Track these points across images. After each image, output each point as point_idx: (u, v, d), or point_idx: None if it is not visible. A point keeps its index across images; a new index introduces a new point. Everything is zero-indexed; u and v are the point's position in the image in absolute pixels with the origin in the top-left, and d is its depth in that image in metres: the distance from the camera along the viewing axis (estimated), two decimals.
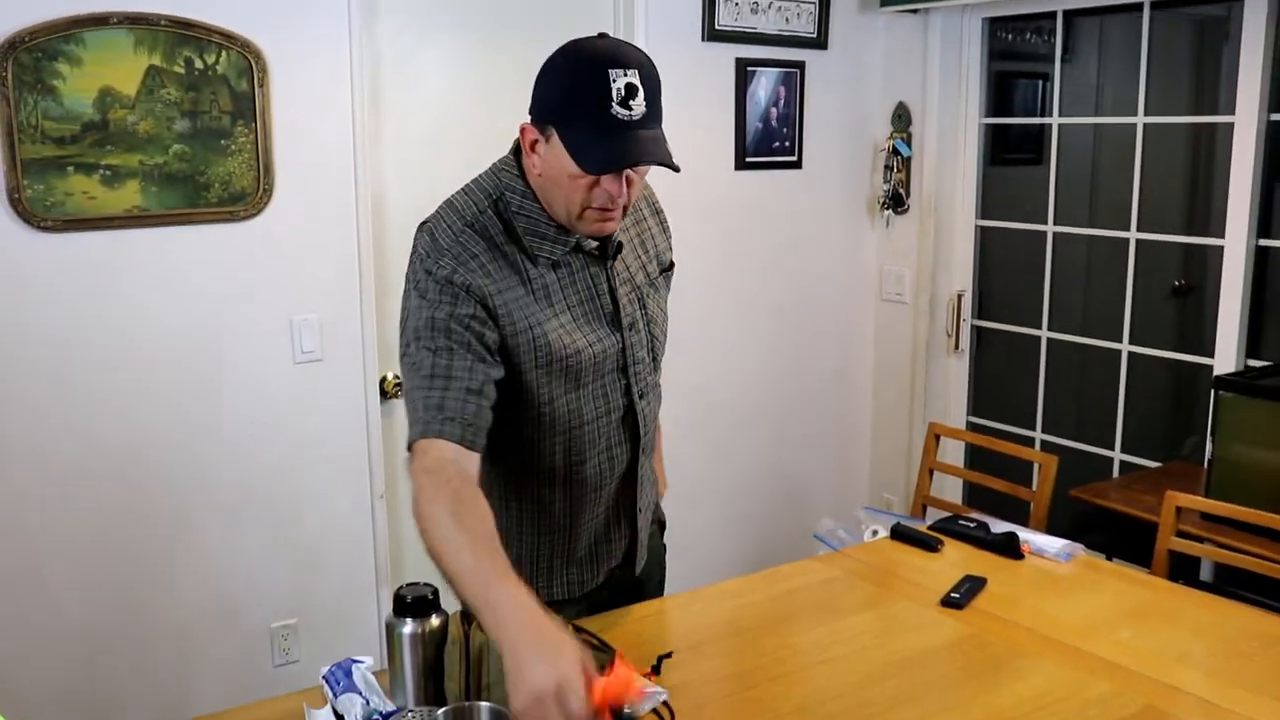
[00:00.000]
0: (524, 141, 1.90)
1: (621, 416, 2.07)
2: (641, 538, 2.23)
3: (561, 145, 1.82)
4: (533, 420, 1.98)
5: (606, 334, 2.00)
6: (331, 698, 1.83)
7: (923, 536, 2.64)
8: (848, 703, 1.89)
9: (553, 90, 1.84)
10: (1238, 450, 3.34)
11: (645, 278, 2.09)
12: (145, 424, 3.14)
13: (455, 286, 1.85)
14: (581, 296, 1.98)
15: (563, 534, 2.11)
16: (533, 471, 2.04)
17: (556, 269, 1.95)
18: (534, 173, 1.91)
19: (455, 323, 1.84)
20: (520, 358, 1.91)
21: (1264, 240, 3.66)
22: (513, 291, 1.89)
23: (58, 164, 2.90)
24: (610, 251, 2.00)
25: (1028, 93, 4.48)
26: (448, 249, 1.89)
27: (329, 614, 3.51)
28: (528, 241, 1.92)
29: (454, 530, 1.65)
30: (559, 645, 1.52)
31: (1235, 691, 1.94)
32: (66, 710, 3.06)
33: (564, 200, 1.88)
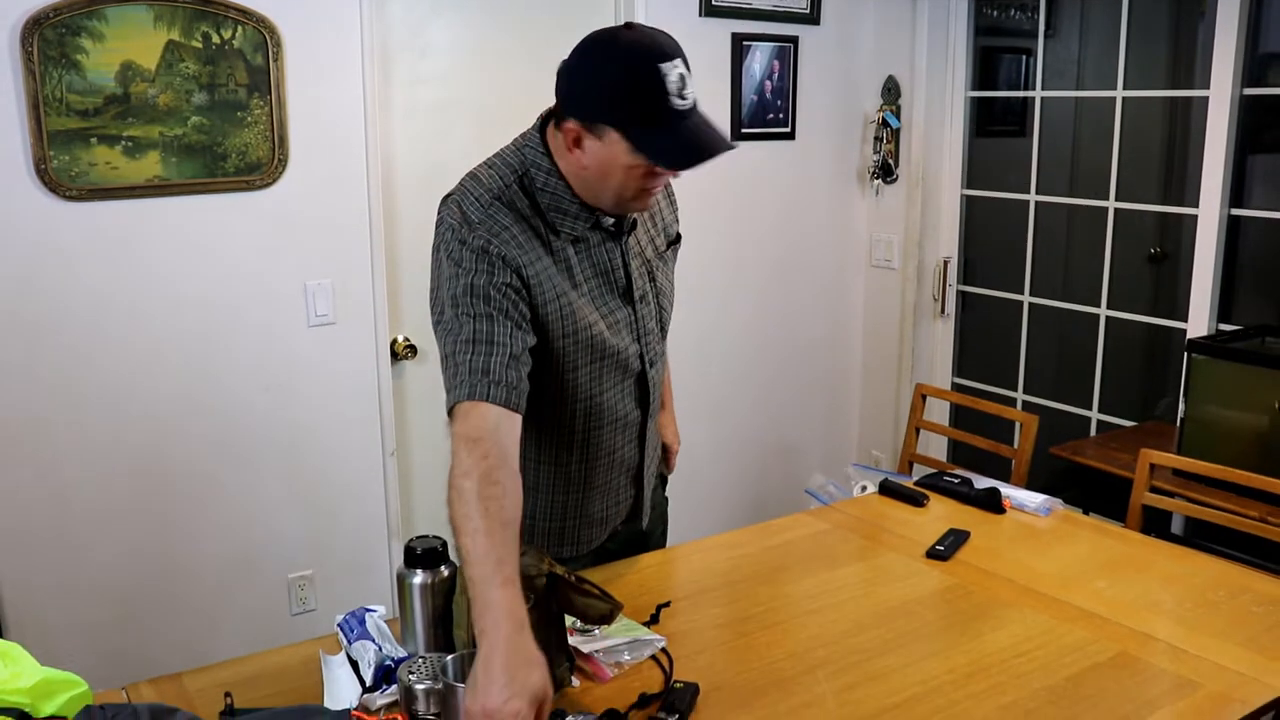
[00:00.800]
0: (565, 139, 1.83)
1: (634, 384, 2.08)
2: (646, 494, 2.24)
3: (623, 142, 1.76)
4: (557, 388, 1.96)
5: (619, 306, 2.00)
6: (346, 644, 1.84)
7: (909, 492, 2.65)
8: (837, 649, 1.90)
9: (602, 89, 1.76)
10: (1208, 410, 3.34)
11: (654, 251, 2.08)
12: (167, 385, 3.14)
13: (491, 256, 1.81)
14: (597, 270, 1.96)
15: (577, 494, 2.10)
16: (553, 436, 2.04)
17: (576, 244, 1.93)
18: (578, 166, 1.85)
19: (494, 290, 1.80)
20: (550, 328, 1.89)
21: (1236, 210, 3.65)
22: (541, 264, 1.87)
23: (82, 135, 2.89)
24: (625, 228, 1.99)
25: (1012, 67, 4.46)
26: (479, 222, 1.85)
27: (343, 565, 3.52)
28: (551, 217, 1.89)
29: (477, 512, 1.60)
30: (528, 671, 1.47)
31: (1203, 638, 1.95)
32: (96, 657, 3.08)
33: (615, 189, 1.85)
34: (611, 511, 2.18)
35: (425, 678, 1.64)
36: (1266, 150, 3.73)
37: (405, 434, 3.65)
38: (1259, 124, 3.64)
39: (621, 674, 1.80)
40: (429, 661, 1.68)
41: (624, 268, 2.00)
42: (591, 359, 1.97)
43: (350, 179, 3.32)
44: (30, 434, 2.98)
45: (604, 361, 1.99)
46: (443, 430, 3.69)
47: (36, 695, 1.44)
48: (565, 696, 1.72)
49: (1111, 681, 1.80)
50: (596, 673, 1.80)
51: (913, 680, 1.79)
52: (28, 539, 3.02)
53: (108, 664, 3.04)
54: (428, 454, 3.71)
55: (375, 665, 1.74)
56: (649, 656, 1.85)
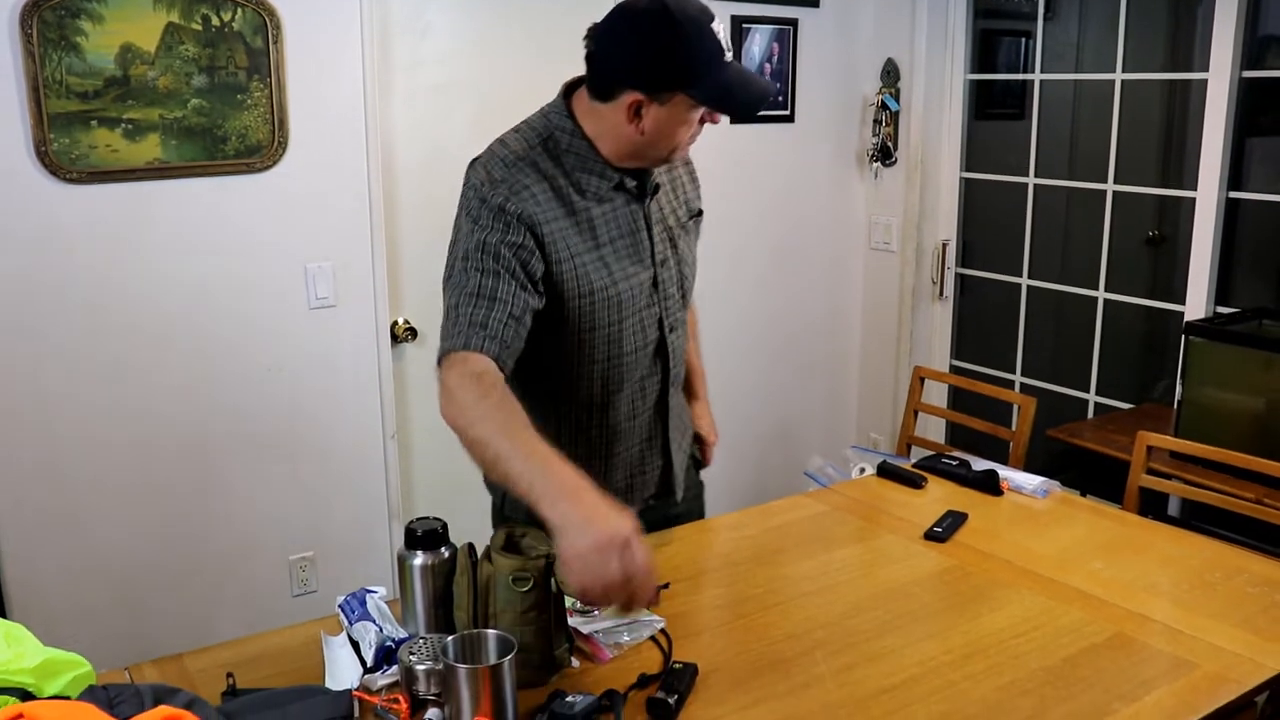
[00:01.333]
0: (624, 110, 1.87)
1: (654, 349, 2.10)
2: (677, 468, 2.26)
3: (689, 102, 1.86)
4: (574, 349, 2.00)
5: (642, 268, 2.03)
6: (347, 625, 1.84)
7: (907, 474, 2.65)
8: (836, 630, 1.90)
9: (673, 59, 1.83)
10: (1206, 393, 3.34)
11: (676, 220, 2.12)
12: (168, 367, 3.14)
13: (508, 215, 1.86)
14: (622, 231, 2.00)
15: (600, 462, 2.12)
16: (572, 399, 2.07)
17: (600, 204, 1.97)
18: (633, 135, 1.90)
19: (505, 248, 1.85)
20: (565, 287, 1.93)
21: (1234, 193, 3.64)
22: (560, 223, 1.91)
23: (82, 118, 2.88)
24: (648, 190, 2.03)
25: (1011, 50, 4.44)
26: (502, 180, 1.90)
27: (344, 547, 3.53)
28: (576, 177, 1.95)
29: (502, 419, 1.71)
30: (618, 508, 1.55)
31: (1199, 619, 1.95)
32: (99, 637, 3.08)
33: (667, 145, 1.93)
34: (638, 482, 2.20)
35: (426, 658, 1.64)
36: (1265, 133, 3.72)
37: (405, 416, 3.65)
38: (1258, 106, 3.63)
39: (620, 655, 1.80)
40: (429, 642, 1.68)
41: (646, 230, 2.03)
42: (609, 319, 1.99)
43: (350, 161, 3.31)
44: (32, 416, 2.98)
45: (623, 323, 2.01)
46: None
47: (40, 675, 1.44)
48: (564, 677, 1.73)
49: (1108, 662, 1.80)
50: (596, 653, 1.80)
51: (911, 661, 1.79)
52: (30, 521, 3.02)
53: (110, 645, 3.05)
54: (428, 436, 3.71)
55: (376, 646, 1.74)
56: (648, 637, 1.85)
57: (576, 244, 1.93)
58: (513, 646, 1.57)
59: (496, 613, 1.69)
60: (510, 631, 1.63)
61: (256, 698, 1.60)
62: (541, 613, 1.68)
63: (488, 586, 1.70)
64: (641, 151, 1.95)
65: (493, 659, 1.59)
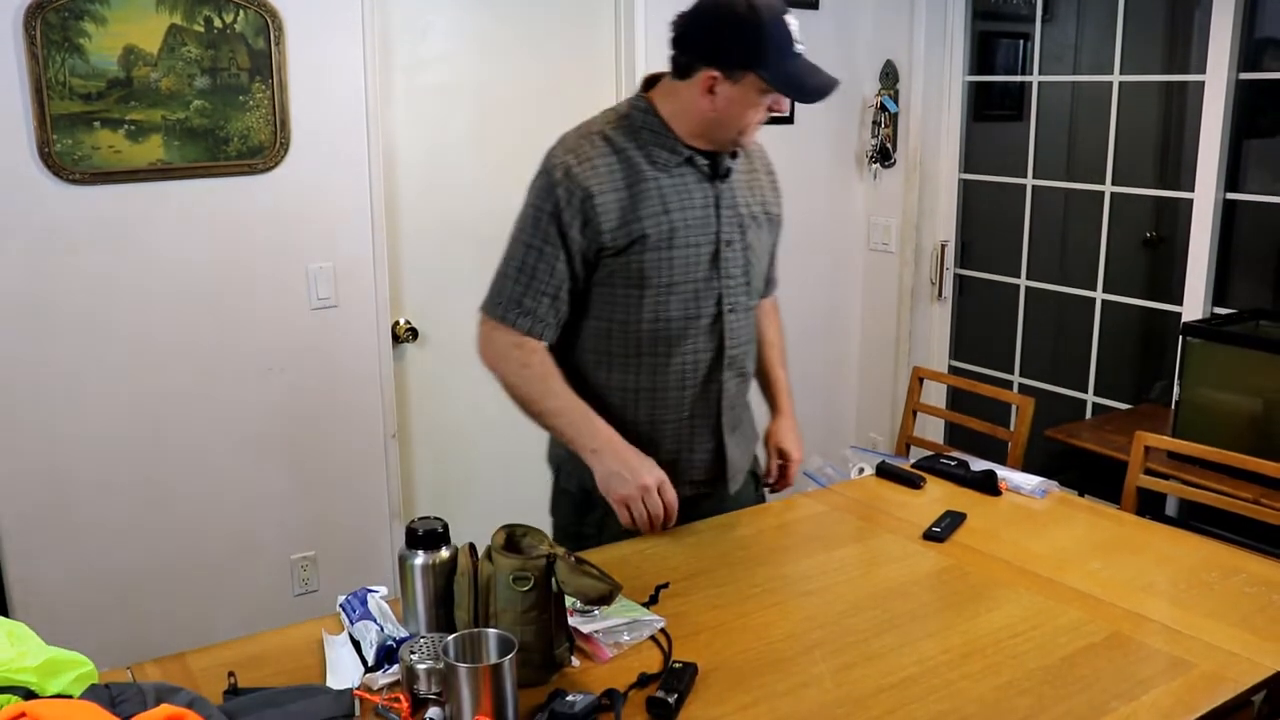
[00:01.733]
0: (700, 86, 2.04)
1: (710, 324, 2.19)
2: (730, 454, 2.32)
3: (760, 84, 2.02)
4: (628, 310, 2.14)
5: (705, 240, 2.14)
6: (348, 625, 1.84)
7: (906, 474, 2.65)
8: (835, 630, 1.90)
9: (748, 41, 2.00)
10: (1203, 393, 3.34)
11: (749, 212, 2.23)
12: (170, 368, 3.14)
13: (569, 181, 2.06)
14: (692, 203, 2.13)
15: (646, 426, 2.22)
16: (621, 362, 2.19)
17: (670, 175, 2.11)
18: (705, 111, 2.06)
19: (553, 222, 2.07)
20: (617, 250, 2.08)
21: (1231, 194, 3.64)
22: (620, 192, 2.07)
23: (85, 119, 2.88)
24: (720, 172, 2.16)
25: (1009, 52, 4.44)
26: (571, 148, 2.11)
27: (345, 547, 3.53)
28: (649, 150, 2.11)
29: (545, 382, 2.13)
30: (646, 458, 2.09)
31: (1197, 618, 1.95)
32: (101, 637, 3.08)
33: (735, 125, 2.09)
34: (685, 457, 2.27)
35: (427, 657, 1.64)
36: (1262, 135, 3.72)
37: (406, 416, 3.65)
38: (1255, 108, 3.63)
39: (621, 654, 1.80)
40: (430, 641, 1.68)
41: (715, 208, 2.16)
42: (659, 282, 2.12)
43: (351, 162, 3.31)
44: (34, 416, 2.98)
45: (673, 287, 2.13)
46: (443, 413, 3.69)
47: (43, 674, 1.44)
48: (565, 676, 1.73)
49: (1106, 661, 1.80)
50: (596, 653, 1.80)
51: (909, 660, 1.79)
52: (33, 521, 3.02)
53: (112, 644, 3.05)
54: (429, 436, 3.71)
55: (377, 645, 1.74)
56: (648, 637, 1.85)
57: (640, 210, 2.07)
58: (513, 646, 1.57)
59: (497, 612, 1.69)
60: (511, 631, 1.63)
61: (258, 696, 1.60)
62: (542, 612, 1.68)
63: (488, 586, 1.70)
64: (711, 130, 2.10)
65: (493, 658, 1.59)
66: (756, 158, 2.34)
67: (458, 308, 3.69)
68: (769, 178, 2.35)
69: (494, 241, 3.70)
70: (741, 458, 2.39)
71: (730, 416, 2.30)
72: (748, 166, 2.28)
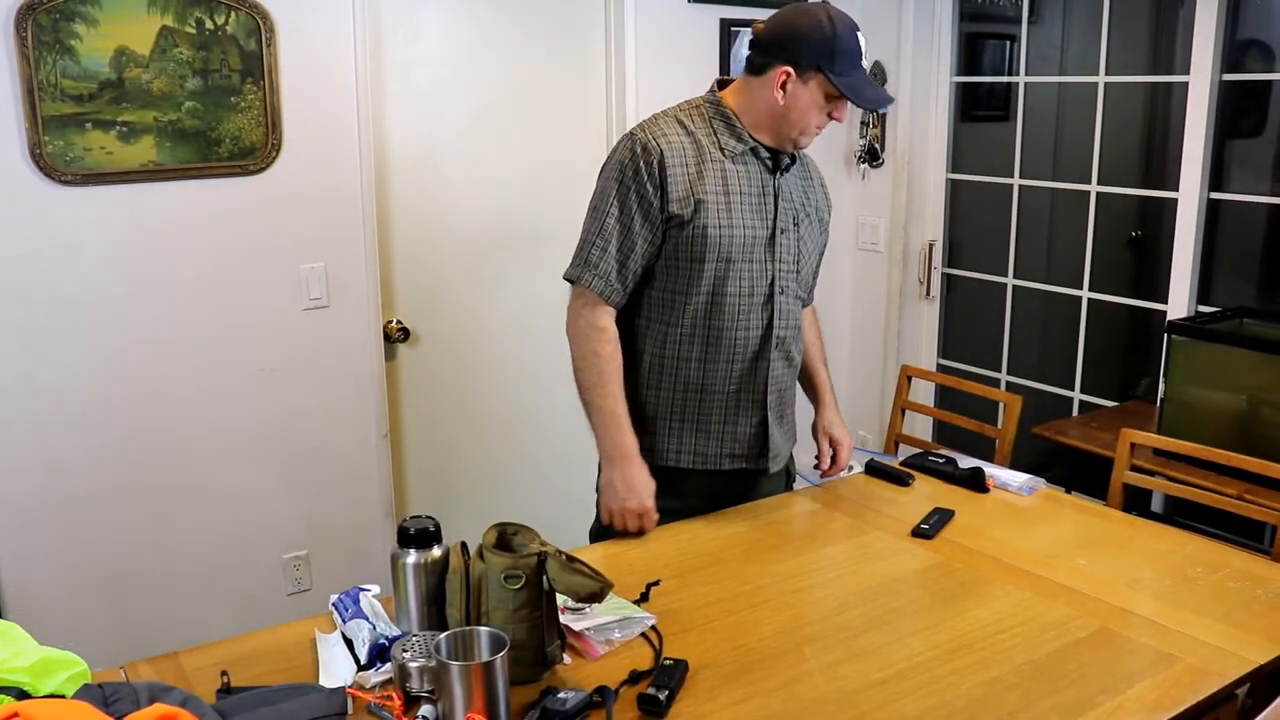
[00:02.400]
0: (774, 81, 2.24)
1: (762, 303, 2.34)
2: (773, 431, 2.43)
3: (827, 84, 2.22)
4: (685, 280, 2.29)
5: (762, 224, 2.32)
6: (341, 623, 1.84)
7: (895, 471, 2.66)
8: (824, 626, 1.91)
9: (819, 44, 2.22)
10: (1188, 390, 3.35)
11: (802, 209, 2.41)
12: (162, 368, 3.13)
13: (647, 152, 2.24)
14: (752, 189, 2.31)
15: (694, 394, 2.36)
16: (677, 331, 2.33)
17: (735, 163, 2.30)
18: (774, 106, 2.26)
19: (629, 190, 2.24)
20: (683, 217, 2.24)
21: (1215, 194, 3.65)
22: (688, 167, 2.26)
23: (76, 120, 2.87)
24: (781, 165, 2.35)
25: (996, 53, 4.45)
26: (650, 125, 2.30)
27: (338, 546, 3.52)
28: (719, 137, 2.30)
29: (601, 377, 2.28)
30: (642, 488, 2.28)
31: (1182, 613, 1.96)
32: (94, 636, 3.08)
33: (798, 124, 2.28)
34: (729, 430, 2.40)
35: (419, 656, 1.64)
36: (1245, 135, 3.73)
37: (398, 416, 3.65)
38: (1238, 109, 3.65)
39: (612, 651, 1.81)
40: (422, 640, 1.68)
41: (774, 196, 2.34)
42: (720, 255, 2.28)
43: (343, 163, 3.31)
44: (26, 417, 2.97)
45: (731, 263, 2.29)
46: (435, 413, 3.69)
47: (35, 674, 1.44)
48: (556, 674, 1.73)
49: (1092, 656, 1.81)
50: (587, 650, 1.80)
51: (898, 656, 1.80)
52: (25, 521, 3.01)
53: (105, 643, 3.04)
54: (420, 436, 3.71)
55: (370, 644, 1.74)
56: (639, 634, 1.86)
57: (701, 187, 2.25)
58: (505, 643, 1.57)
59: (489, 610, 1.70)
60: (502, 629, 1.63)
61: (251, 695, 1.60)
62: (533, 610, 1.69)
63: (480, 584, 1.71)
64: (777, 125, 2.29)
65: (485, 656, 1.59)
66: (812, 168, 2.52)
67: (449, 307, 3.71)
68: (822, 189, 2.54)
69: (485, 241, 3.74)
70: (784, 440, 2.51)
71: (775, 398, 2.43)
72: (803, 173, 2.46)
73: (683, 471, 2.39)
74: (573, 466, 2.99)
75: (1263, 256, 3.93)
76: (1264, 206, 3.71)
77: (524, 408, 3.90)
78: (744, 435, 2.40)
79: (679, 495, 2.39)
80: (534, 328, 3.75)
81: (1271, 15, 3.62)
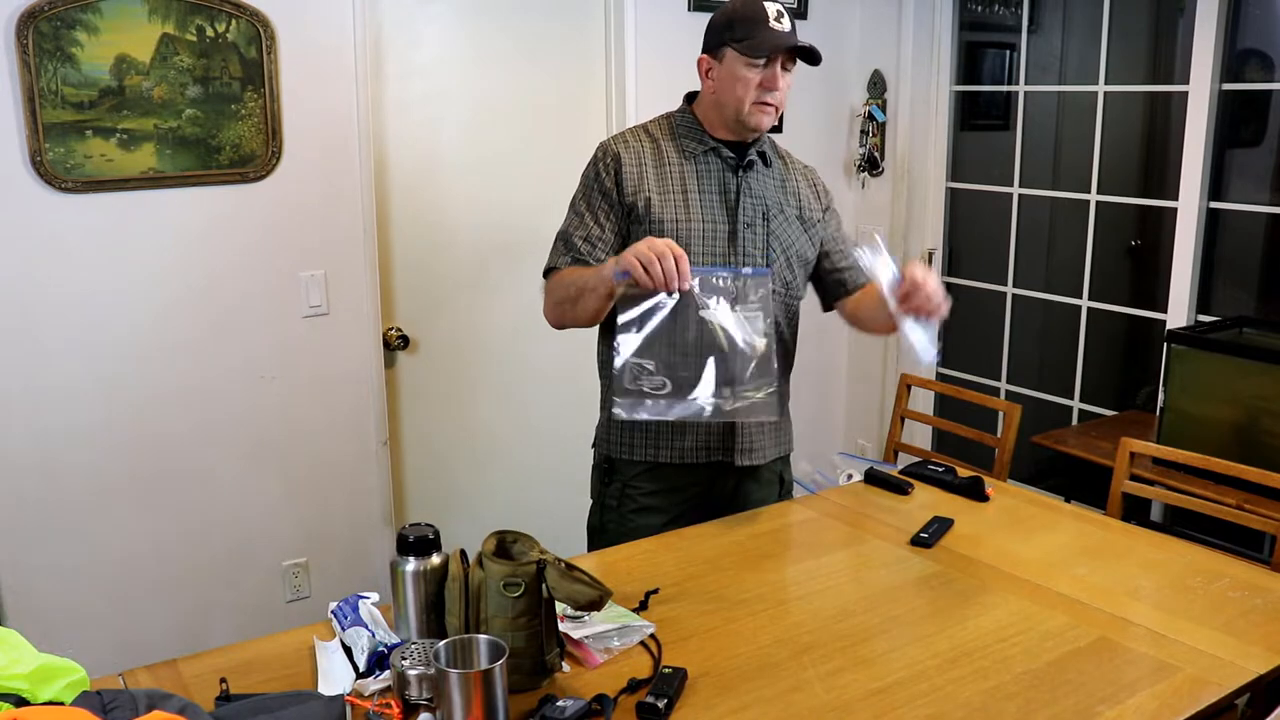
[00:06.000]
0: (700, 72, 2.39)
1: None
2: (741, 429, 2.42)
3: (734, 55, 2.29)
4: None
5: (721, 218, 2.38)
6: (340, 631, 1.84)
7: (894, 480, 2.65)
8: (823, 635, 1.91)
9: (721, 21, 2.34)
10: (1187, 400, 3.36)
11: (778, 206, 2.45)
12: (163, 375, 3.13)
13: (605, 153, 2.40)
14: (712, 186, 2.39)
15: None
16: None
17: (695, 163, 2.39)
18: (709, 94, 2.38)
19: (592, 186, 2.39)
20: (637, 211, 2.34)
21: (1214, 203, 3.65)
22: (642, 167, 2.37)
23: (77, 128, 2.88)
24: (743, 164, 2.41)
25: (996, 62, 4.46)
26: (617, 134, 2.47)
27: (337, 553, 3.52)
28: (681, 141, 2.41)
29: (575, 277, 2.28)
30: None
31: (1181, 623, 1.96)
32: (93, 643, 3.06)
33: (732, 104, 2.33)
34: (702, 426, 2.40)
35: (418, 663, 1.64)
36: (1244, 144, 3.74)
37: (397, 424, 3.65)
38: (1237, 119, 3.65)
39: (611, 659, 1.81)
40: (421, 647, 1.69)
41: (736, 193, 2.39)
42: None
43: (343, 170, 3.31)
44: (27, 424, 2.97)
45: (691, 254, 2.17)
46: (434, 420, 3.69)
47: (35, 681, 1.44)
48: (554, 682, 1.73)
49: (1092, 665, 1.81)
50: (586, 658, 1.80)
51: (898, 665, 1.80)
52: (25, 528, 3.01)
53: (105, 650, 3.03)
54: (420, 443, 3.71)
55: (369, 651, 1.74)
56: (638, 642, 1.86)
57: (658, 183, 2.35)
58: (504, 651, 1.57)
59: (488, 618, 1.70)
60: (501, 637, 1.63)
61: (250, 703, 1.59)
62: (532, 618, 1.69)
63: (479, 592, 1.71)
64: (722, 114, 2.37)
65: (484, 664, 1.59)
66: (799, 172, 2.57)
67: (449, 315, 3.72)
68: (811, 188, 2.56)
69: (485, 248, 3.74)
70: (758, 434, 2.47)
71: None
72: (784, 174, 2.52)
73: (662, 466, 2.44)
74: (572, 475, 2.98)
75: (1262, 266, 3.93)
76: (1263, 216, 3.72)
77: (524, 416, 3.90)
78: (717, 429, 2.42)
79: (664, 493, 2.46)
80: (534, 336, 3.74)
81: (1271, 25, 3.63)
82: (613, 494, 2.50)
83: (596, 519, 2.55)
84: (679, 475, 2.46)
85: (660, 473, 2.46)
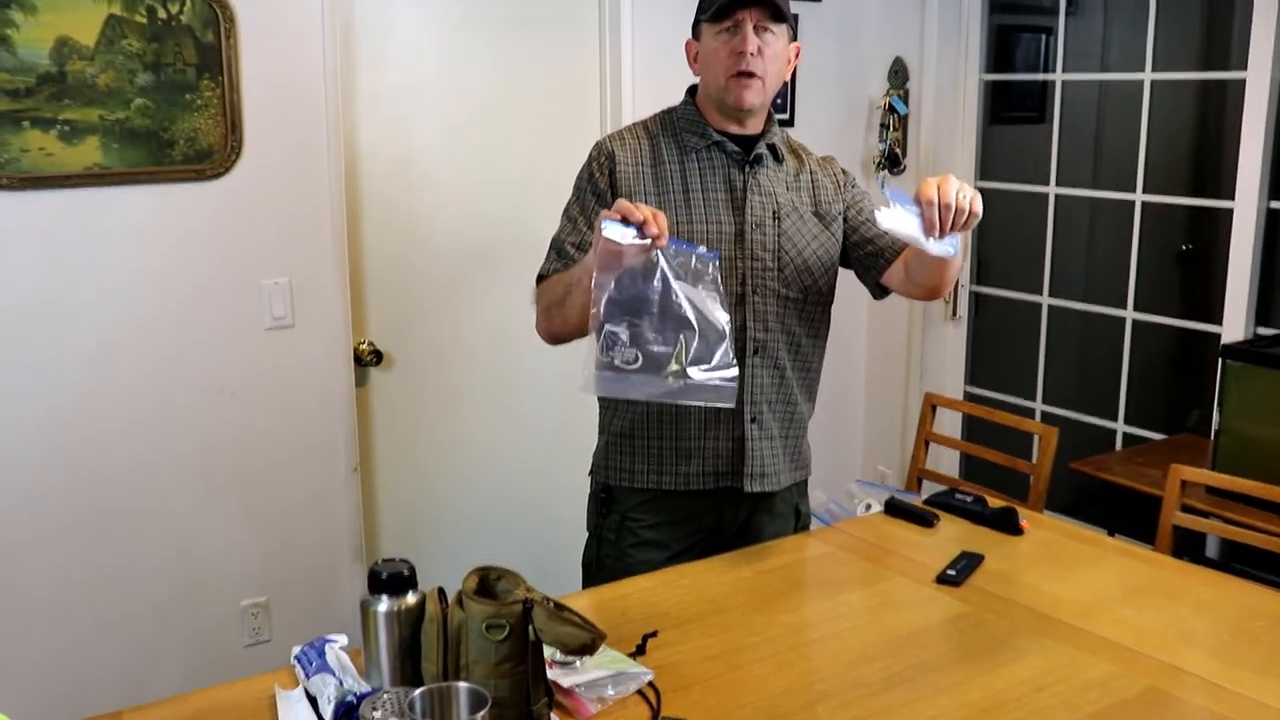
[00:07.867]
0: (689, 60, 2.49)
1: (734, 303, 2.38)
2: (750, 447, 2.44)
3: (706, 28, 2.39)
4: None
5: (727, 218, 2.41)
6: (304, 678, 1.84)
7: (918, 511, 2.65)
8: (839, 683, 1.90)
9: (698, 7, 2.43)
10: (1246, 422, 3.35)
11: (790, 204, 2.47)
12: (107, 393, 3.13)
13: (600, 151, 2.46)
14: (717, 185, 2.43)
15: (669, 408, 2.41)
16: None
17: (697, 159, 2.44)
18: (697, 74, 2.46)
19: (586, 186, 2.44)
20: None
21: (1275, 203, 3.66)
22: (640, 165, 2.43)
23: (12, 118, 2.88)
24: (750, 158, 2.43)
25: (1030, 48, 4.48)
26: (614, 132, 2.55)
27: (301, 591, 3.51)
28: (682, 136, 2.46)
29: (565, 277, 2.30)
30: None
31: (1241, 672, 1.95)
32: (31, 692, 3.06)
33: (714, 74, 2.39)
34: (708, 448, 2.43)
35: (391, 714, 1.63)
36: None
37: (369, 447, 3.65)
38: None
39: (605, 710, 1.80)
40: (395, 697, 1.68)
41: (743, 191, 2.42)
42: None
43: (310, 168, 3.32)
44: None
45: None
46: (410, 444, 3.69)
47: None
48: None
49: (1140, 718, 1.80)
50: (577, 709, 1.80)
51: (922, 717, 1.79)
52: None
53: (42, 701, 3.03)
54: (394, 469, 3.71)
55: (336, 701, 1.73)
56: (635, 691, 1.85)
57: (655, 183, 2.41)
58: (486, 701, 1.57)
59: (468, 664, 1.69)
60: (484, 684, 1.63)
61: None
62: (518, 664, 1.68)
63: (459, 635, 1.70)
64: (711, 94, 2.42)
65: (464, 715, 1.59)
66: (815, 164, 2.57)
67: (426, 327, 3.72)
68: (830, 178, 2.57)
69: (466, 255, 3.74)
70: (772, 458, 2.49)
71: (755, 409, 2.44)
72: (797, 168, 2.53)
73: (665, 495, 2.46)
74: (561, 505, 2.98)
75: None
76: None
77: (508, 439, 3.90)
78: (725, 451, 2.45)
79: (667, 525, 2.48)
80: (521, 351, 3.75)
81: None
82: (611, 526, 2.51)
83: (593, 553, 2.55)
84: (684, 505, 2.47)
85: (663, 503, 2.47)
